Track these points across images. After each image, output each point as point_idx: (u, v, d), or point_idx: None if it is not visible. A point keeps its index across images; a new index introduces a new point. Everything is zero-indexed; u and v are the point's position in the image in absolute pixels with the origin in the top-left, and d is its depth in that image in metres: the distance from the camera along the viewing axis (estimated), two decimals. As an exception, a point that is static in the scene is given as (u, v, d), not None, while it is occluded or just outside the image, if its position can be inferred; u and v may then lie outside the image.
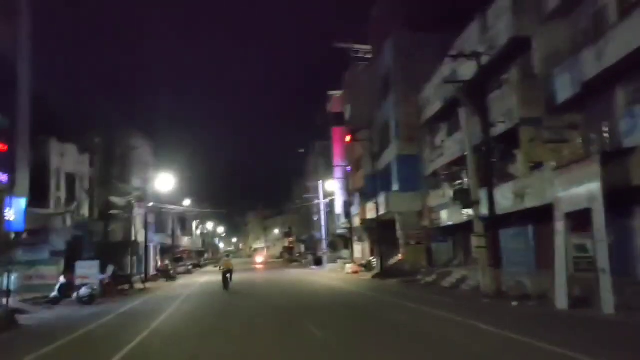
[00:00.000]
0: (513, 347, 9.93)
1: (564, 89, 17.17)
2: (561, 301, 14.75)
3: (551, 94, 18.05)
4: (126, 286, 30.01)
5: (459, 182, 26.40)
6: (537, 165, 19.15)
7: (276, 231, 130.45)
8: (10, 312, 16.04)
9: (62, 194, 30.44)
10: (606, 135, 16.88)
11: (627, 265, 14.62)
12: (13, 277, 19.47)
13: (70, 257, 26.67)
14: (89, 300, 21.98)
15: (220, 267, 28.25)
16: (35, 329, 15.29)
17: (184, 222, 71.73)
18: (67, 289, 22.79)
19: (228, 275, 26.78)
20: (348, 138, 42.41)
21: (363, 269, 39.74)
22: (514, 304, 16.30)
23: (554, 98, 17.86)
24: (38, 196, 26.92)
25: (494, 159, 21.31)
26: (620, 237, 14.93)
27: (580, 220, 15.64)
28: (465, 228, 25.38)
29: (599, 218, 13.74)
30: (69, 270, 24.55)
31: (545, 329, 11.88)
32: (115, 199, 34.23)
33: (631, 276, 14.46)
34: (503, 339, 10.69)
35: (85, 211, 33.53)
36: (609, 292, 13.13)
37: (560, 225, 15.57)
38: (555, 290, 15.10)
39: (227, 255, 36.40)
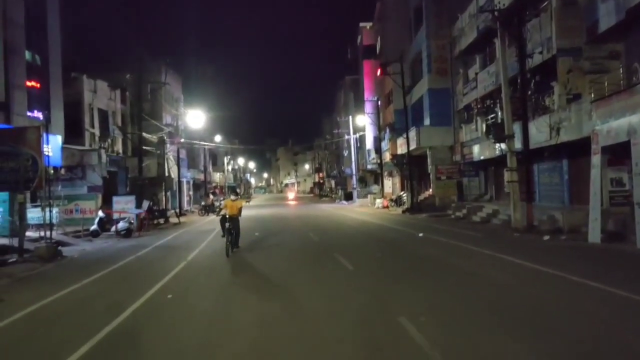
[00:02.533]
0: (543, 279, 9.94)
1: (607, 16, 16.33)
2: (594, 235, 14.64)
3: (592, 22, 17.22)
4: (162, 220, 30.91)
5: (492, 115, 25.87)
6: (574, 98, 18.57)
7: (306, 166, 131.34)
8: (54, 244, 16.73)
9: (96, 131, 30.99)
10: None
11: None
12: (54, 211, 20.19)
13: (107, 192, 27.44)
14: (127, 233, 22.73)
15: (217, 213, 16.98)
16: (79, 260, 15.95)
17: (215, 158, 72.66)
18: (105, 223, 23.58)
19: (231, 227, 15.40)
20: (379, 72, 41.61)
21: (393, 204, 39.99)
22: (546, 238, 16.25)
23: (595, 26, 17.06)
24: (73, 133, 27.50)
25: (529, 92, 20.74)
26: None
27: (617, 153, 15.30)
28: (497, 162, 25.11)
29: (638, 151, 13.38)
30: (106, 204, 25.32)
31: (577, 263, 11.88)
32: (147, 136, 34.68)
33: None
34: (533, 272, 10.71)
35: (119, 147, 34.17)
36: (644, 226, 12.96)
37: (596, 159, 15.27)
38: (589, 224, 14.96)
39: (235, 192, 20.62)
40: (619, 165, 16.06)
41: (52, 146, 21.18)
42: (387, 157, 44.10)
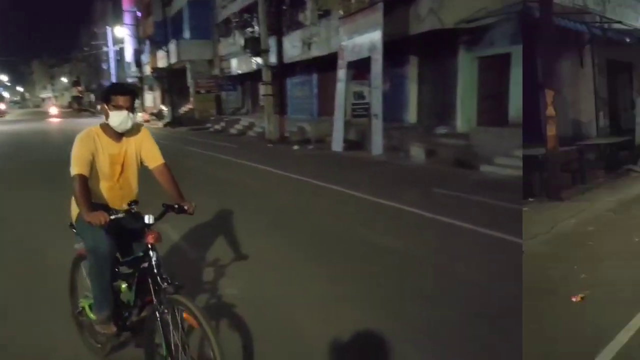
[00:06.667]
0: (290, 184, 10.71)
1: None
2: (337, 144, 15.79)
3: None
4: None
5: (251, 30, 25.76)
6: (325, 14, 19.26)
7: (64, 80, 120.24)
8: None
9: None
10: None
11: (396, 112, 15.89)
12: None
13: None
14: None
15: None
16: None
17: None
18: None
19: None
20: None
21: (154, 117, 38.78)
22: (295, 148, 17.09)
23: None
24: None
25: (284, 7, 20.99)
26: (393, 85, 16.09)
27: (360, 68, 16.39)
28: (254, 77, 25.41)
29: (376, 66, 14.40)
30: None
31: (320, 168, 12.76)
32: None
33: (399, 121, 15.82)
34: (282, 178, 11.40)
35: None
36: (379, 136, 14.27)
37: (342, 73, 16.17)
38: (333, 134, 16.05)
39: (131, 95, 3.25)
40: (361, 79, 17.29)
41: None
42: (148, 70, 41.95)
